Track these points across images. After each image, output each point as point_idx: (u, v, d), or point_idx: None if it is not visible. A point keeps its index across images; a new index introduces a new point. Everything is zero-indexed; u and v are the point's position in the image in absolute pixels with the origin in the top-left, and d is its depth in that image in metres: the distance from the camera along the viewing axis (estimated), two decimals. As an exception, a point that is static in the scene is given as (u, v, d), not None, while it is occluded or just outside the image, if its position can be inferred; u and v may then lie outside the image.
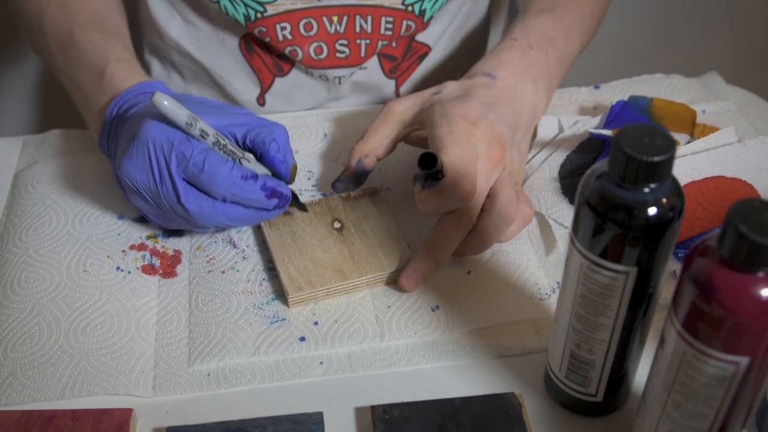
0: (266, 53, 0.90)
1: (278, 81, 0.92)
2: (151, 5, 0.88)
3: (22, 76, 1.44)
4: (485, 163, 0.66)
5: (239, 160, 0.65)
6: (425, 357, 0.64)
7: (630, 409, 0.60)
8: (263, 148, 0.66)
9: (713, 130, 0.77)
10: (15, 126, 1.53)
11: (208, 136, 0.63)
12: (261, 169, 0.67)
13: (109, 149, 0.71)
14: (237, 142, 0.67)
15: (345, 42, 0.88)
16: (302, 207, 0.70)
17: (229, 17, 0.85)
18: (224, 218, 0.65)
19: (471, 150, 0.65)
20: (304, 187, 0.76)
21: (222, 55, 0.91)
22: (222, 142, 0.64)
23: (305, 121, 0.83)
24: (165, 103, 0.61)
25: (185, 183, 0.64)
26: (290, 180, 0.68)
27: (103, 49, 0.74)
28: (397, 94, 0.94)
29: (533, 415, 0.60)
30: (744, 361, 0.46)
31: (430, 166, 0.64)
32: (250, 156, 0.66)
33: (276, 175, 0.67)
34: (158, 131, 0.63)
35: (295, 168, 0.67)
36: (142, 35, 0.95)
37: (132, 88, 0.71)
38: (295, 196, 0.69)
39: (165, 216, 0.67)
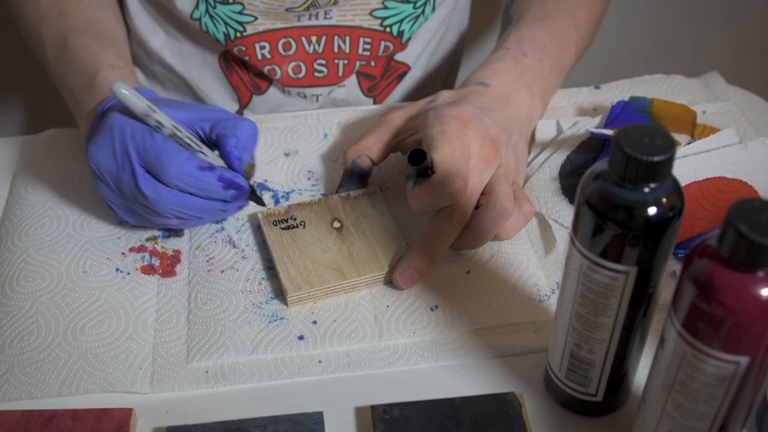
0: (244, 71, 0.91)
1: (256, 98, 0.93)
2: (134, 17, 0.89)
3: (22, 76, 1.44)
4: (478, 162, 0.67)
5: (196, 153, 0.65)
6: (424, 356, 0.64)
7: (630, 409, 0.60)
8: (223, 142, 0.66)
9: (713, 130, 0.77)
10: (15, 126, 1.53)
11: (163, 127, 0.64)
12: (220, 163, 0.67)
13: None
14: (203, 137, 0.68)
15: (323, 62, 0.90)
16: (260, 201, 0.70)
17: (209, 35, 0.86)
18: (183, 207, 0.65)
19: (462, 148, 0.66)
20: (304, 186, 0.76)
21: (203, 70, 0.92)
22: (179, 134, 0.64)
23: (305, 120, 0.83)
24: (123, 91, 0.62)
25: (143, 170, 0.65)
26: (246, 177, 0.67)
27: (97, 55, 0.75)
28: None
29: (533, 415, 0.60)
30: (744, 360, 0.46)
31: (418, 163, 0.65)
32: (207, 150, 0.66)
33: (234, 170, 0.67)
34: (124, 119, 0.65)
35: (251, 166, 0.67)
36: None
37: None
38: (253, 190, 0.69)
39: (128, 206, 0.67)
